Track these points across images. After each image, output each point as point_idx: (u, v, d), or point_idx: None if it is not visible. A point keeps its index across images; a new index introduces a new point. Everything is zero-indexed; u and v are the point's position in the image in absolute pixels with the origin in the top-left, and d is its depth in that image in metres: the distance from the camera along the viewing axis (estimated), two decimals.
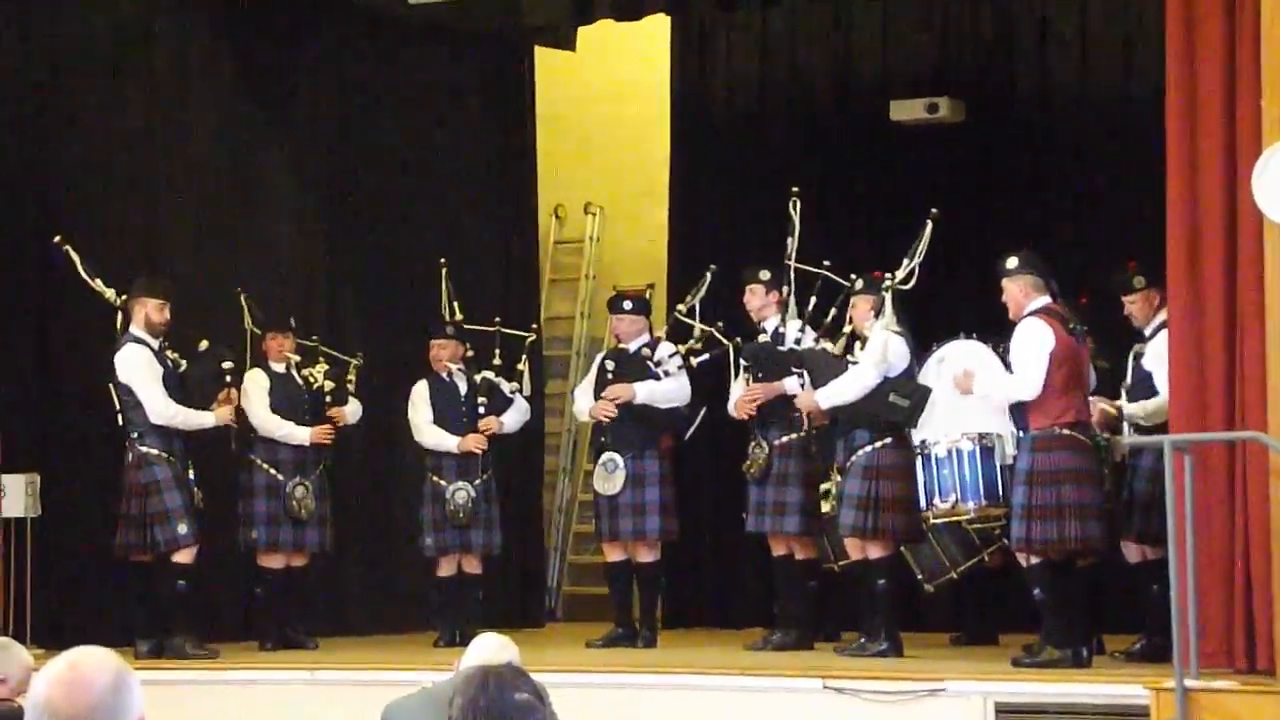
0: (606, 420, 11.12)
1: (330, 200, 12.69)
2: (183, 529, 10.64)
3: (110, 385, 10.71)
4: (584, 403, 11.33)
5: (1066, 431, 9.44)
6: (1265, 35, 8.42)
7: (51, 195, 11.37)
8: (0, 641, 6.41)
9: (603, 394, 11.14)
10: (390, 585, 12.66)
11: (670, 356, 11.15)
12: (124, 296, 10.76)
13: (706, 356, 11.19)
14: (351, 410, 11.59)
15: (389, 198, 12.87)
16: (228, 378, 11.01)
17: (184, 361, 10.87)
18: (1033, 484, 9.40)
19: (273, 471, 11.30)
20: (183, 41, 11.99)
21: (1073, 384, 9.51)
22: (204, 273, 11.84)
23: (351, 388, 11.59)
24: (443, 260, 11.88)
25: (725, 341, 11.11)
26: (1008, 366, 9.64)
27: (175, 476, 10.67)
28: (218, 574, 11.50)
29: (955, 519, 10.04)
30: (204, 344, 11.01)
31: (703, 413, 11.19)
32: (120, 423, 10.72)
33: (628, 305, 11.31)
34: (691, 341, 11.23)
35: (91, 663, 3.23)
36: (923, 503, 9.89)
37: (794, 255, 10.70)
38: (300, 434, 11.34)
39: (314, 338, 11.68)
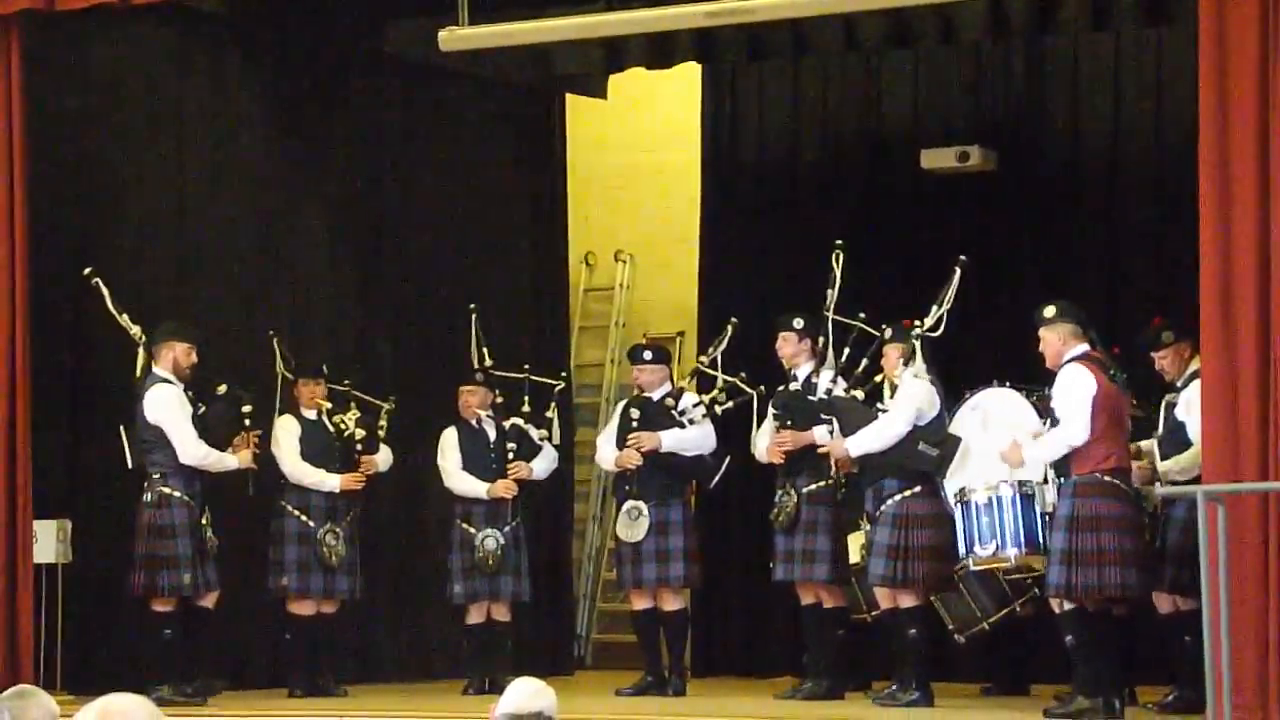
0: (632, 469, 11.11)
1: (362, 246, 12.70)
2: (186, 578, 10.61)
3: (121, 425, 10.70)
4: (607, 451, 11.30)
5: (1108, 479, 9.35)
6: None
7: (86, 240, 11.38)
8: (24, 689, 6.38)
9: (628, 441, 11.14)
10: (420, 633, 12.63)
11: (694, 406, 11.14)
12: (144, 338, 10.74)
13: (730, 405, 11.19)
14: (383, 458, 11.58)
15: (420, 244, 12.89)
16: (246, 421, 11.00)
17: (201, 405, 10.85)
18: (1073, 530, 9.31)
19: (303, 518, 11.29)
20: (216, 88, 12.02)
21: (1114, 430, 9.43)
22: (236, 318, 11.87)
23: (383, 434, 11.58)
24: (473, 306, 11.88)
25: (749, 390, 11.11)
26: (1042, 414, 9.60)
27: (191, 522, 10.64)
28: (247, 621, 11.50)
29: (995, 567, 9.96)
30: (222, 387, 10.98)
31: (727, 460, 11.18)
32: (129, 464, 10.71)
33: (648, 355, 11.32)
34: (715, 392, 11.23)
35: (122, 709, 3.23)
36: (962, 550, 9.83)
37: (833, 307, 10.70)
38: (330, 481, 11.34)
39: (346, 383, 11.69)
